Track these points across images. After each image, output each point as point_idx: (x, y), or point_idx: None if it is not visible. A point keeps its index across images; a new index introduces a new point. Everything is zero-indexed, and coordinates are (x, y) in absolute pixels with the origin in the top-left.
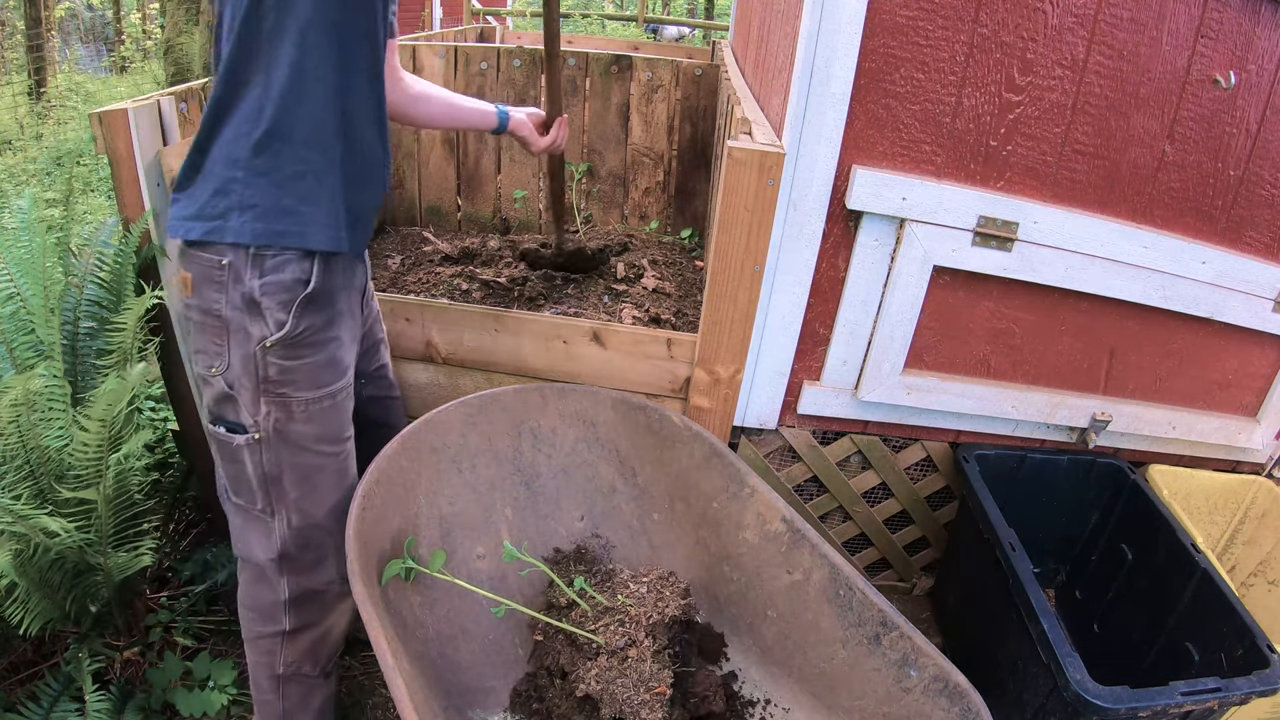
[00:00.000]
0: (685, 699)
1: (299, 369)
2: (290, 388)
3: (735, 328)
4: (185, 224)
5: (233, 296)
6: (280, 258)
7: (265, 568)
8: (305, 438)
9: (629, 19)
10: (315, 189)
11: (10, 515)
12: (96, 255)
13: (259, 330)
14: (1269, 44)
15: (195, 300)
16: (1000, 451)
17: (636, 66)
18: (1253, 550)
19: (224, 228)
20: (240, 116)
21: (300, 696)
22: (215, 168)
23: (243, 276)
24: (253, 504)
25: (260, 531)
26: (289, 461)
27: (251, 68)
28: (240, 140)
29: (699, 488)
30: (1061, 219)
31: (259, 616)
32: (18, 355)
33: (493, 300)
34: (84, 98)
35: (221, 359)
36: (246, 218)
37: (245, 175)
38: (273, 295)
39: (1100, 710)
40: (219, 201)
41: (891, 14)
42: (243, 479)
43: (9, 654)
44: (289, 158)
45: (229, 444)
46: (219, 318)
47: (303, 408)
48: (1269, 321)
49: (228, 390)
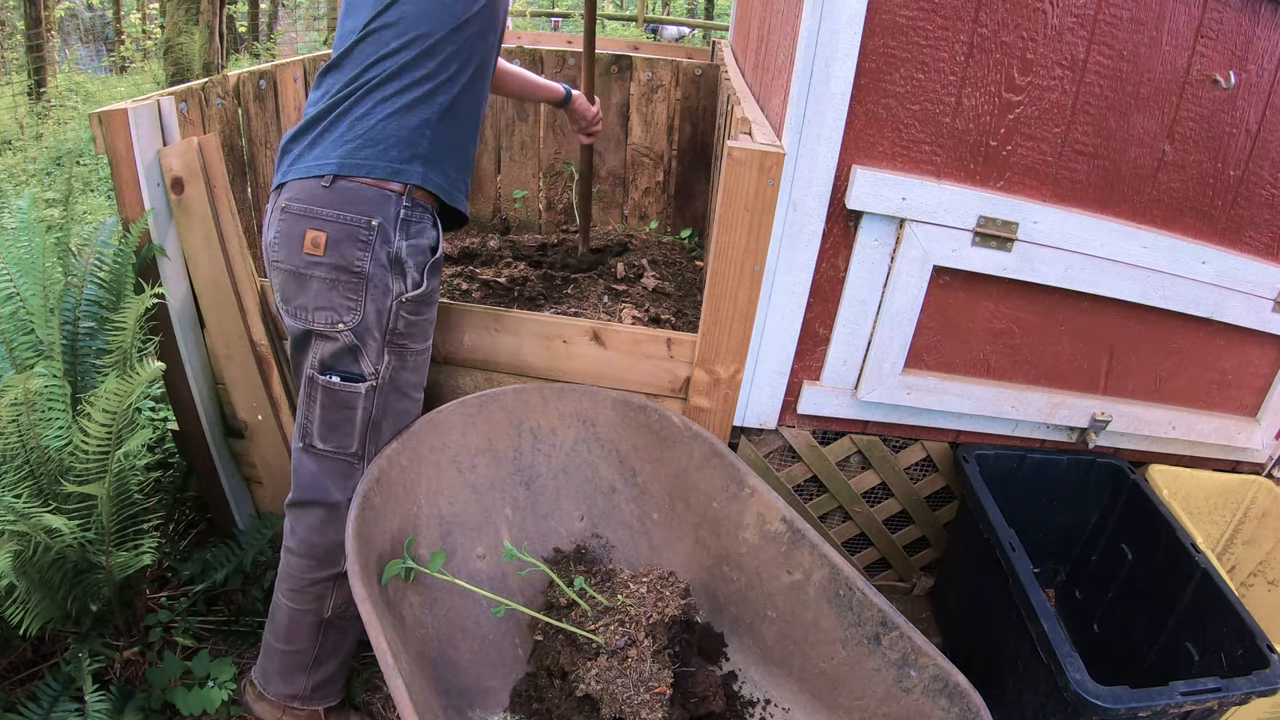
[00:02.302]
0: (685, 699)
1: (419, 323)
2: (410, 339)
3: (735, 328)
4: (370, 162)
5: (379, 255)
6: (421, 224)
7: (340, 507)
8: (409, 385)
9: (629, 19)
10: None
11: (11, 514)
12: (96, 255)
13: (398, 287)
14: (1269, 44)
15: (328, 258)
16: (1000, 451)
17: (636, 66)
18: (1253, 550)
19: (409, 171)
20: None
21: (335, 642)
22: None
23: (390, 238)
24: (345, 448)
25: (344, 474)
26: (392, 406)
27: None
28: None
29: (699, 488)
30: (1061, 219)
31: (318, 562)
32: (18, 355)
33: (493, 300)
34: (84, 98)
35: (354, 313)
36: (432, 171)
37: (433, 135)
38: (414, 256)
39: (1100, 710)
40: (402, 151)
41: (891, 14)
42: (345, 424)
43: (9, 654)
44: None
45: (343, 392)
46: (358, 274)
47: (414, 357)
48: (1269, 321)
49: (354, 342)
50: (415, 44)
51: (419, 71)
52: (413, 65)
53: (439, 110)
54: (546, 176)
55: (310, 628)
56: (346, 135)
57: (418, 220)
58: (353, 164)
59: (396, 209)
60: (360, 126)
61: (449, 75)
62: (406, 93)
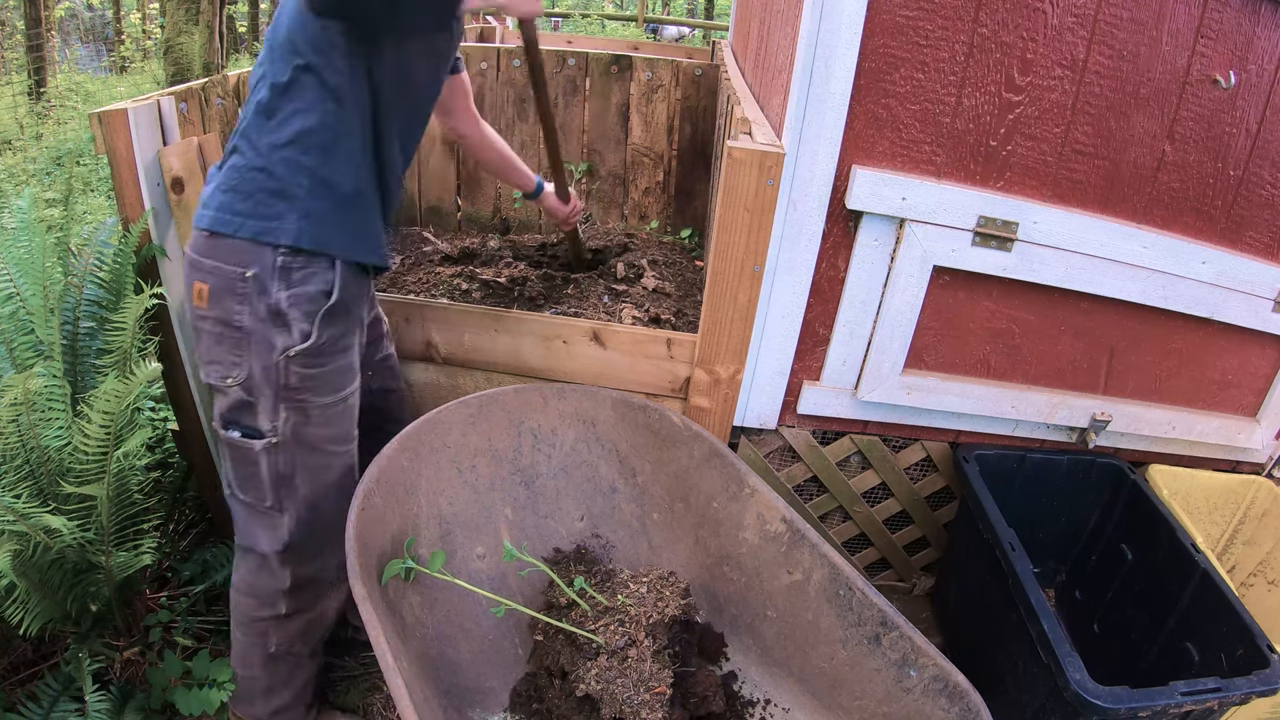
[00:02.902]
0: (685, 699)
1: (319, 376)
2: (310, 394)
3: (735, 328)
4: (235, 219)
5: (257, 308)
6: (307, 269)
7: (269, 558)
8: (320, 439)
9: (629, 19)
10: (367, 203)
11: (11, 514)
12: (96, 255)
13: (283, 341)
14: (1269, 44)
15: (212, 311)
16: (1000, 451)
17: (636, 66)
18: (1253, 550)
19: (279, 229)
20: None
21: (287, 673)
22: (276, 170)
23: (269, 288)
24: (261, 501)
25: (266, 525)
26: (302, 462)
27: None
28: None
29: (699, 488)
30: (1061, 219)
31: (257, 602)
32: (18, 355)
33: (493, 300)
34: (84, 98)
35: (240, 369)
36: (305, 224)
37: (310, 183)
38: (299, 306)
39: (1100, 710)
40: (276, 203)
41: (891, 14)
42: (254, 479)
43: (9, 654)
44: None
45: (244, 448)
46: (239, 329)
47: (319, 412)
48: (1269, 321)
49: (245, 398)
50: (277, 62)
51: (282, 96)
52: (278, 89)
53: (307, 143)
54: (547, 177)
55: (261, 658)
56: (220, 181)
57: (301, 266)
58: (223, 219)
59: (273, 257)
60: (227, 170)
61: (315, 96)
62: (273, 124)
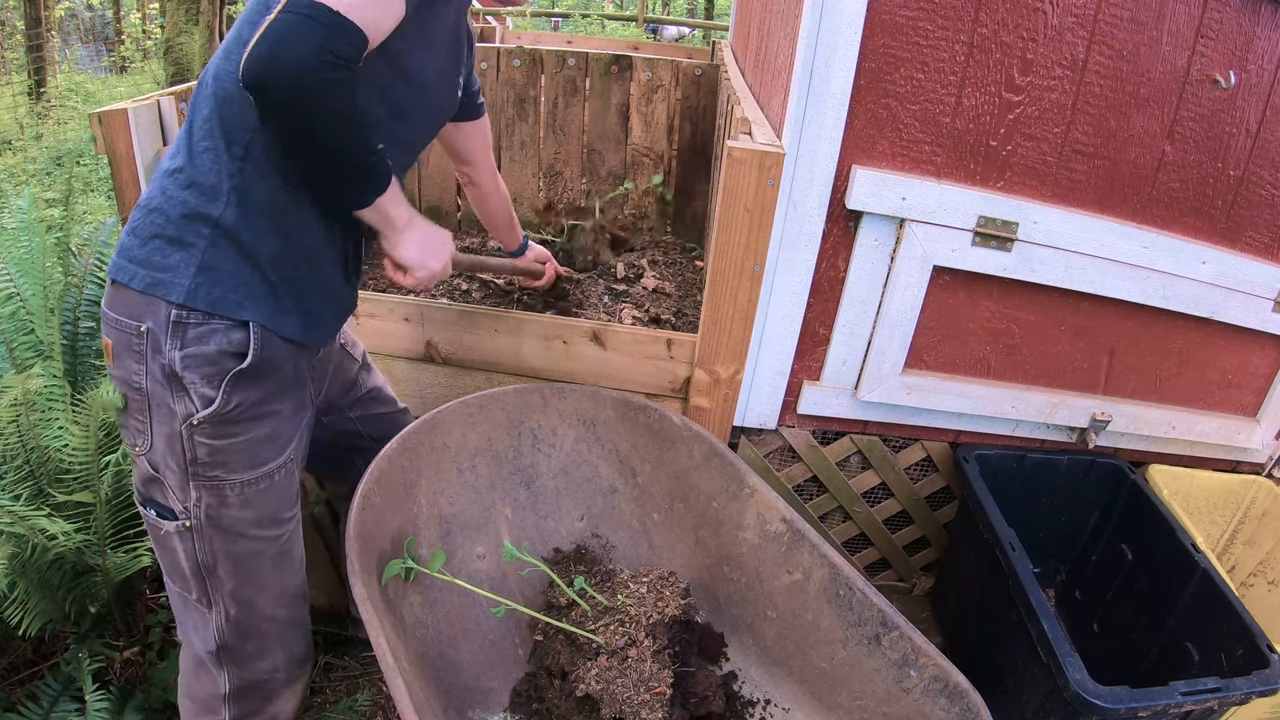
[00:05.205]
0: (685, 699)
1: (231, 449)
2: (223, 470)
3: (735, 328)
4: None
5: (153, 368)
6: (205, 325)
7: (204, 659)
8: (241, 523)
9: (629, 19)
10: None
11: (10, 516)
12: (96, 255)
13: (183, 407)
14: (1269, 44)
15: (116, 371)
16: (1000, 451)
17: (636, 66)
18: (1253, 550)
19: (169, 282)
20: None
21: None
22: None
23: (161, 346)
24: (188, 592)
25: (197, 621)
26: (224, 550)
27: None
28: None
29: (699, 488)
30: (1061, 219)
31: (197, 708)
32: (18, 355)
33: (493, 300)
34: (84, 98)
35: (144, 437)
36: (203, 280)
37: (212, 232)
38: (197, 368)
39: (1100, 710)
40: (171, 251)
41: (891, 14)
42: (175, 567)
43: (9, 654)
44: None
45: (158, 529)
46: (139, 391)
47: (238, 491)
48: (1269, 321)
49: (153, 472)
50: (204, 89)
51: (200, 132)
52: (197, 124)
53: (227, 190)
54: (546, 176)
55: None
56: (130, 220)
57: (198, 323)
58: (119, 266)
59: (166, 311)
60: (135, 206)
61: (226, 144)
62: (181, 159)
